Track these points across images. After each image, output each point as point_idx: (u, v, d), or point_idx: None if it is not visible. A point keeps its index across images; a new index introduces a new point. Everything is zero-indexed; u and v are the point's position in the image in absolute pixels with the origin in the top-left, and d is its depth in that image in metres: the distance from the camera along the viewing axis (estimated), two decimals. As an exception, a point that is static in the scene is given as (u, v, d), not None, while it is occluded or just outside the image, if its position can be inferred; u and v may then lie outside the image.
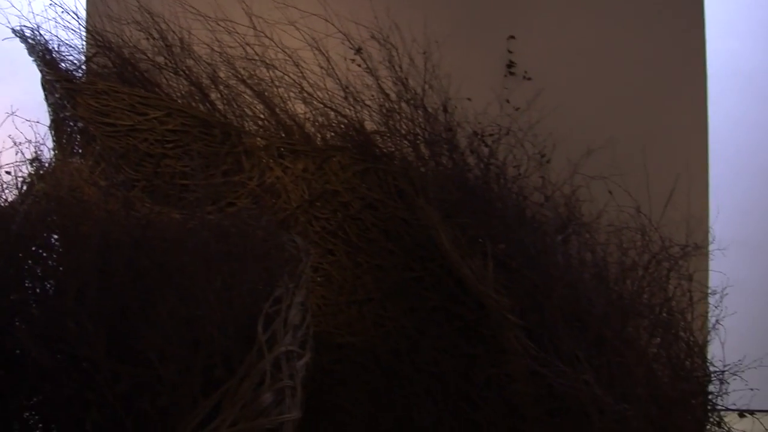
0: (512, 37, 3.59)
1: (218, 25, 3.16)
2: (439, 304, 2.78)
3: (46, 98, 3.11)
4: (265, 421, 1.69)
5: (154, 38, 3.20)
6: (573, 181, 2.83)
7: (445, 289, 2.77)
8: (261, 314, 1.91)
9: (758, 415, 2.71)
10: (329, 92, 3.00)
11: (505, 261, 2.52)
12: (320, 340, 2.50)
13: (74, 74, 3.18)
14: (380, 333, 2.84)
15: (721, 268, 3.07)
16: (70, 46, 3.25)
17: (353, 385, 2.83)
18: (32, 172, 2.42)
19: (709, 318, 2.82)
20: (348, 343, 2.85)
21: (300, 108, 3.05)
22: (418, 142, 2.86)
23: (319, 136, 3.03)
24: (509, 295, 2.42)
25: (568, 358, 2.33)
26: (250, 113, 3.11)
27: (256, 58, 3.10)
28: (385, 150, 2.93)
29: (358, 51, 2.99)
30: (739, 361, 2.61)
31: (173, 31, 3.19)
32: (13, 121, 2.66)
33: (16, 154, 2.52)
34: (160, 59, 3.20)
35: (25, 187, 2.36)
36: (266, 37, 3.11)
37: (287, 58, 3.07)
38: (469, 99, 2.86)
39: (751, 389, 2.61)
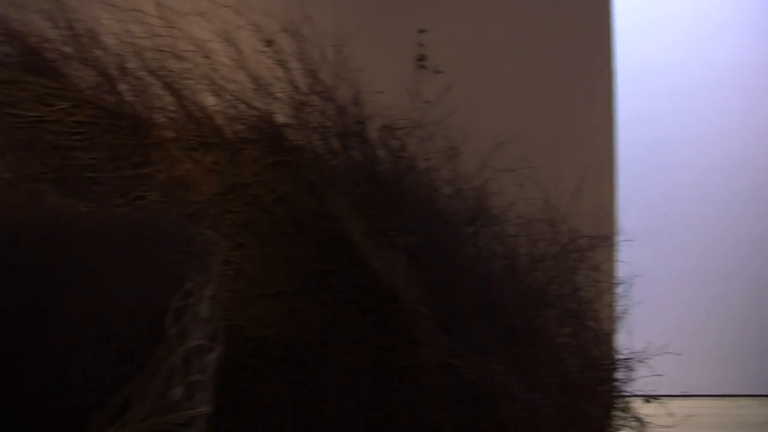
0: (423, 30, 3.60)
1: (127, 15, 3.11)
2: (350, 297, 2.79)
3: (-51, 88, 3.03)
4: (175, 417, 1.68)
5: (61, 27, 3.13)
6: (483, 174, 2.86)
7: (356, 282, 2.78)
8: (170, 308, 1.89)
9: (663, 399, 2.78)
10: (240, 84, 2.97)
11: (416, 253, 2.53)
12: (231, 334, 2.47)
13: (-23, 64, 3.10)
14: (292, 326, 2.84)
15: (628, 259, 3.14)
16: (-27, 35, 3.17)
17: (266, 378, 2.82)
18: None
19: (617, 307, 2.88)
20: (260, 337, 2.84)
21: (210, 100, 3.02)
22: (328, 134, 2.86)
23: (229, 128, 3.01)
24: (420, 287, 2.43)
25: (480, 349, 2.35)
26: (159, 105, 3.06)
27: (166, 49, 3.05)
28: (295, 143, 2.92)
29: (269, 43, 2.97)
30: (645, 348, 2.67)
31: (81, 21, 3.12)
32: None
33: None
34: (68, 49, 3.14)
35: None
36: (176, 28, 3.07)
37: (197, 49, 3.03)
38: (380, 92, 2.87)
39: (657, 375, 2.68)
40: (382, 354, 2.70)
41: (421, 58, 3.58)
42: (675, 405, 2.92)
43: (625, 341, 2.79)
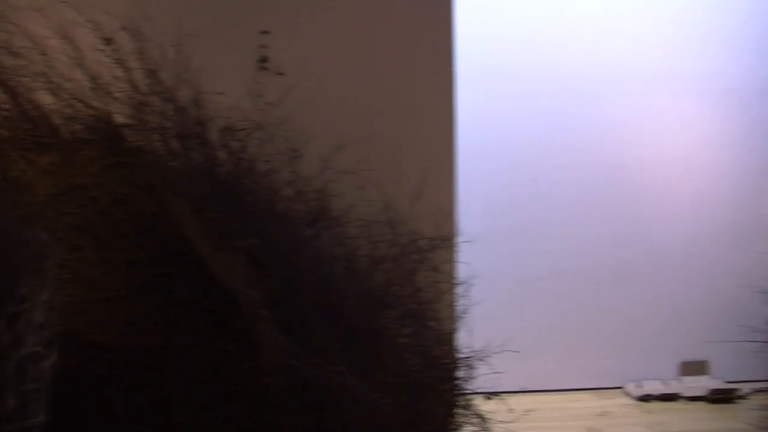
0: (265, 32, 3.59)
1: (-41, 9, 3.01)
2: (191, 300, 2.77)
3: None
4: (9, 428, 1.64)
5: None
6: (324, 176, 2.88)
7: (197, 284, 2.75)
8: (3, 314, 1.84)
9: (503, 396, 2.87)
10: (77, 83, 2.91)
11: (256, 255, 2.54)
12: (69, 340, 2.43)
13: None
14: (132, 330, 2.79)
15: (468, 260, 3.22)
16: None
17: (106, 384, 2.77)
18: None
19: (457, 307, 2.94)
20: (99, 342, 2.78)
21: (47, 99, 2.94)
22: (168, 135, 2.82)
23: (66, 128, 2.93)
24: (261, 289, 2.43)
25: (321, 350, 2.37)
26: (-8, 103, 2.97)
27: (1, 45, 2.96)
28: (134, 143, 2.87)
29: (109, 41, 2.92)
30: (485, 346, 2.74)
31: None
32: None
33: None
34: None
35: None
36: (12, 23, 2.98)
37: (34, 46, 2.95)
38: (221, 93, 2.85)
39: (497, 373, 2.75)
40: (223, 356, 2.68)
41: (263, 59, 3.56)
42: (515, 401, 3.02)
43: (465, 340, 2.86)
